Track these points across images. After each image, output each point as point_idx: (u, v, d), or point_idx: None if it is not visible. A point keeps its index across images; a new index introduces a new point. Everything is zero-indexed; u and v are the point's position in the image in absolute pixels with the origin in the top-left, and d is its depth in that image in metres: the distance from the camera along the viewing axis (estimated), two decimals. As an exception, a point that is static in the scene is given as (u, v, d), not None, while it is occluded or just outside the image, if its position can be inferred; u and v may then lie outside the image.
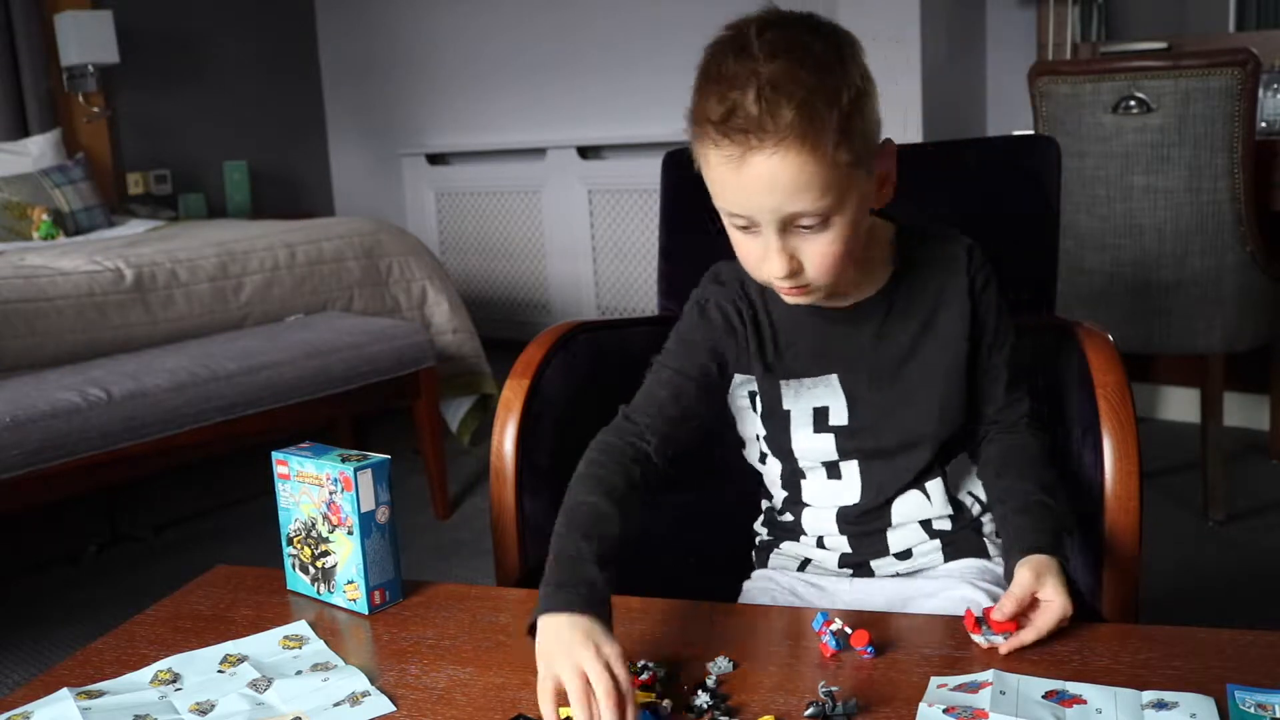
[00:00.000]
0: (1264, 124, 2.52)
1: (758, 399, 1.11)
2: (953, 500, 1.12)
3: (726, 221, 0.98)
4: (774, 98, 0.88)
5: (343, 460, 1.07)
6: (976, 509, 1.13)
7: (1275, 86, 2.57)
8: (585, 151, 4.00)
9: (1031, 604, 0.94)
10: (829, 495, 1.11)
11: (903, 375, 1.07)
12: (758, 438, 1.14)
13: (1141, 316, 2.30)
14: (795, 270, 0.95)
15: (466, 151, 4.40)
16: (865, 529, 1.11)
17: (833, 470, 1.10)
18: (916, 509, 1.10)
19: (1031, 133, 2.34)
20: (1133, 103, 2.17)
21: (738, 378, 1.11)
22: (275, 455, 1.12)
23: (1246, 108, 2.09)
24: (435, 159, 4.47)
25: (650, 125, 3.89)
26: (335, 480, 1.06)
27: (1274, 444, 2.67)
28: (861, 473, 1.09)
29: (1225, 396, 2.36)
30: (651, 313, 1.67)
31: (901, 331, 1.07)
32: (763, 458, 1.15)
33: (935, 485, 1.10)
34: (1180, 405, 3.00)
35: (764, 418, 1.11)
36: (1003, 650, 0.92)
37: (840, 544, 1.12)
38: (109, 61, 3.79)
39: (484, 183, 4.29)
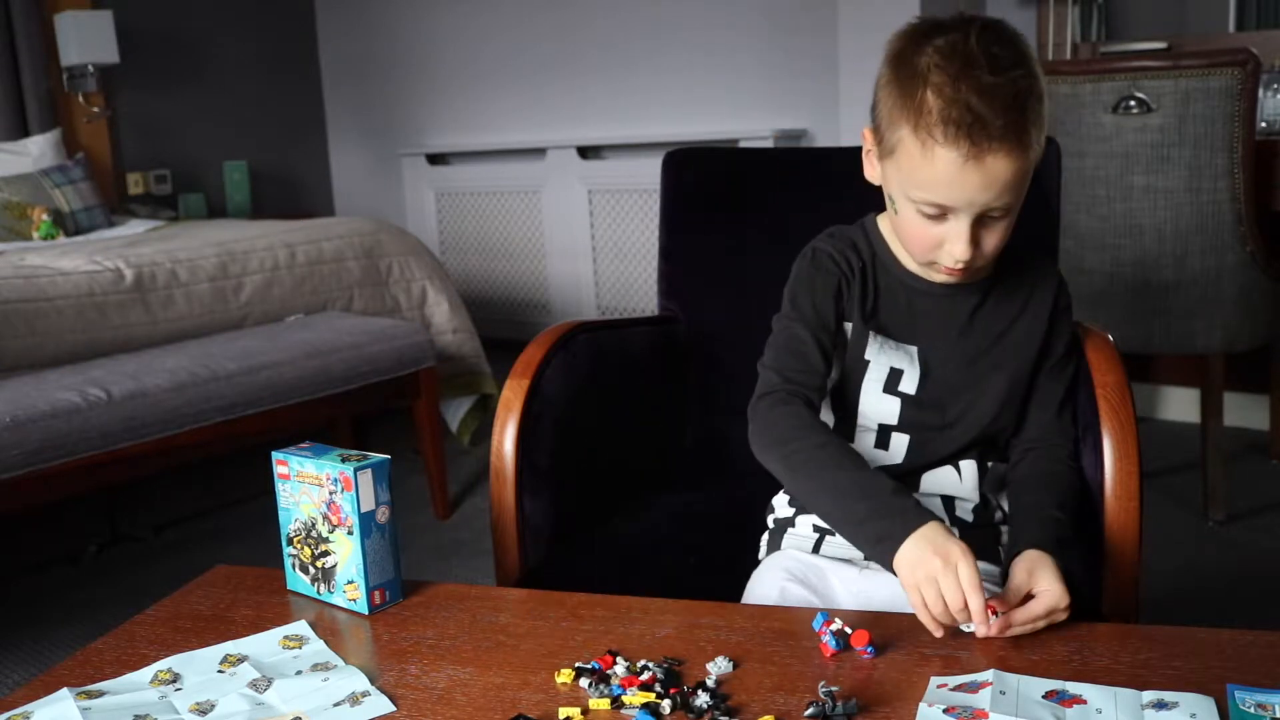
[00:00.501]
0: (1264, 124, 2.52)
1: (843, 347, 1.16)
2: (982, 495, 1.15)
3: (910, 209, 1.05)
4: (1010, 104, 0.98)
5: (343, 460, 1.07)
6: (999, 515, 1.16)
7: (1275, 86, 2.57)
8: (585, 151, 4.00)
9: (1025, 597, 0.96)
10: (870, 460, 1.12)
11: (977, 365, 1.14)
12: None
13: (1141, 316, 2.30)
14: (974, 255, 1.04)
15: (466, 151, 4.40)
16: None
17: (883, 438, 1.14)
18: (946, 483, 1.14)
19: (1031, 133, 2.34)
20: (1133, 103, 2.17)
21: (846, 325, 1.16)
22: (275, 455, 1.12)
23: (1246, 108, 2.09)
24: (435, 159, 4.47)
25: (650, 125, 3.89)
26: (335, 480, 1.06)
27: (1274, 444, 2.67)
28: (909, 446, 1.14)
29: (1225, 396, 2.36)
30: (651, 313, 1.67)
31: (987, 325, 1.14)
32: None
33: (969, 466, 1.14)
34: (1180, 405, 3.00)
35: (843, 364, 1.15)
36: (991, 631, 0.93)
37: None
38: (109, 61, 3.79)
39: (484, 183, 4.29)
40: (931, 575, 0.93)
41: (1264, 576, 2.10)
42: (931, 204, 1.03)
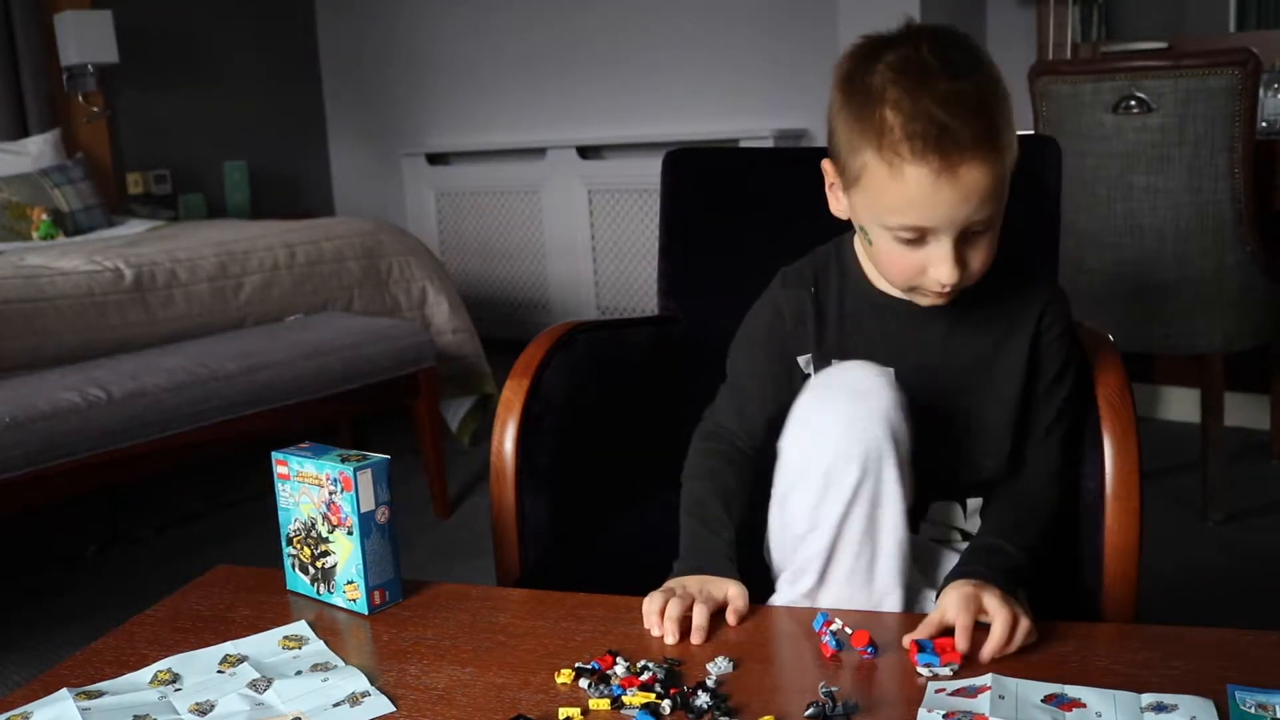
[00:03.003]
0: (1264, 124, 2.52)
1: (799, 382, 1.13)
2: None
3: (885, 237, 1.00)
4: (976, 109, 0.93)
5: (342, 460, 1.07)
6: None
7: (1275, 86, 2.57)
8: (585, 151, 4.00)
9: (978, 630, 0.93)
10: None
11: (960, 387, 1.09)
12: None
13: (1142, 316, 2.30)
14: (961, 276, 0.99)
15: (466, 151, 4.40)
16: None
17: None
18: (951, 514, 1.12)
19: (1032, 133, 2.34)
20: (1133, 103, 2.17)
21: (801, 359, 1.14)
22: (275, 455, 1.12)
23: (1247, 108, 2.09)
24: (435, 159, 4.47)
25: (650, 125, 3.89)
26: (335, 480, 1.06)
27: (1274, 444, 2.67)
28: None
29: (1225, 396, 2.35)
30: (651, 313, 1.67)
31: (968, 345, 1.09)
32: None
33: (974, 502, 1.11)
34: (1180, 405, 3.00)
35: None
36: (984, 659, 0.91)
37: None
38: (109, 61, 3.79)
39: (484, 183, 4.29)
40: (670, 590, 1.01)
41: (1264, 576, 2.10)
42: (908, 227, 0.97)
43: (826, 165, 1.05)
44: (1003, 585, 0.96)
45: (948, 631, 0.93)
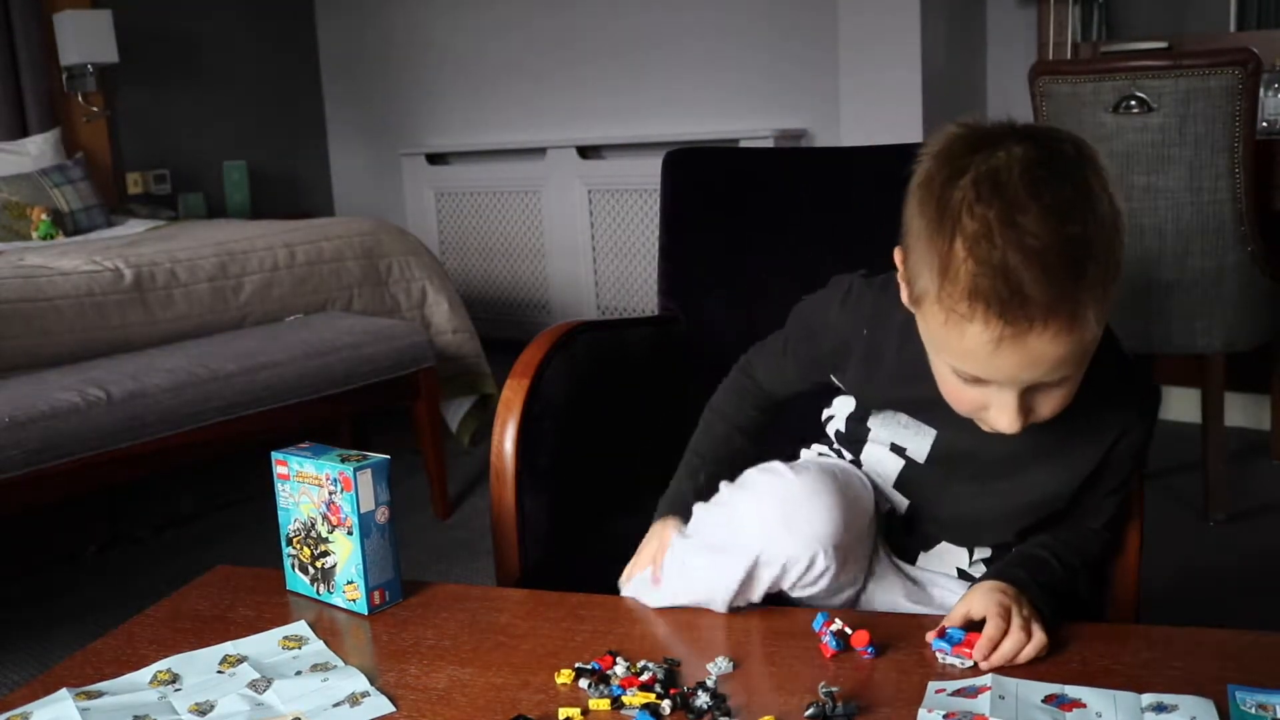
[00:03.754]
0: (1265, 124, 2.52)
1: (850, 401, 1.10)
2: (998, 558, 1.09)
3: (946, 369, 0.88)
4: (1061, 271, 0.78)
5: (342, 460, 1.07)
6: None
7: (1276, 86, 2.57)
8: (585, 151, 3.99)
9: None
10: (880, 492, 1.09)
11: (1003, 475, 1.00)
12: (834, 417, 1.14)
13: (1142, 316, 2.30)
14: (1025, 422, 0.87)
15: (466, 151, 4.40)
16: (900, 540, 1.10)
17: (884, 495, 1.08)
18: (956, 558, 1.10)
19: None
20: (1133, 102, 2.17)
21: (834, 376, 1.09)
22: (275, 455, 1.12)
23: (1247, 107, 2.09)
24: (435, 159, 4.47)
25: (650, 125, 3.89)
26: (335, 480, 1.06)
27: (1275, 444, 2.67)
28: (909, 509, 1.08)
29: (1226, 396, 2.35)
30: (651, 313, 1.67)
31: (1027, 435, 0.91)
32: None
33: (982, 551, 1.09)
34: (1181, 405, 3.00)
35: (847, 419, 1.10)
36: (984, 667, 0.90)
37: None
38: (108, 61, 3.79)
39: (484, 183, 4.29)
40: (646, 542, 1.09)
41: (1264, 577, 2.10)
42: (962, 371, 0.86)
43: (898, 254, 0.90)
44: (1036, 599, 0.94)
45: (974, 628, 0.92)
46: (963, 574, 1.09)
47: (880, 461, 1.07)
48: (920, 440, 1.03)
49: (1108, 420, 0.98)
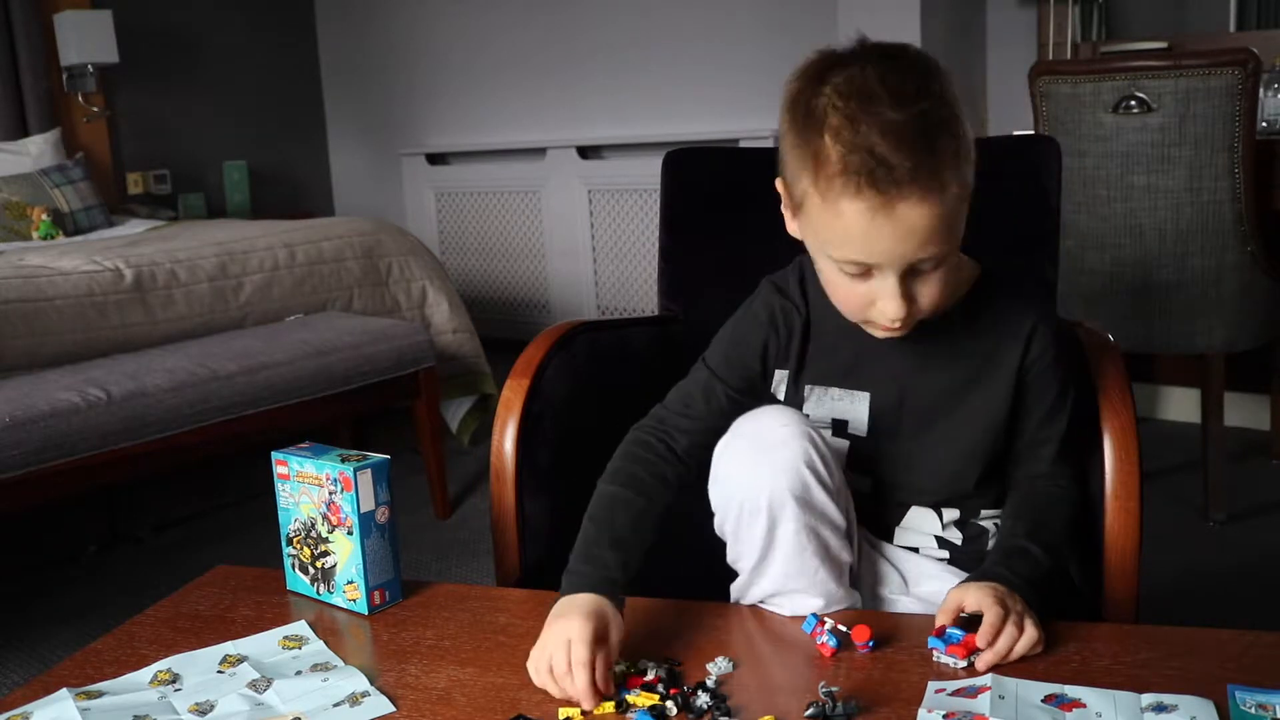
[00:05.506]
0: (1264, 124, 2.52)
1: (783, 392, 1.12)
2: (973, 524, 1.11)
3: (833, 268, 0.96)
4: (917, 142, 0.88)
5: (342, 460, 1.07)
6: (992, 543, 1.12)
7: (1276, 86, 2.57)
8: (585, 151, 4.00)
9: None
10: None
11: (935, 414, 1.06)
12: None
13: (1142, 316, 2.30)
14: (910, 312, 0.95)
15: (466, 151, 4.40)
16: (872, 516, 1.11)
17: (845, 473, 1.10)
18: (927, 523, 1.11)
19: (1032, 132, 2.34)
20: (1133, 102, 2.17)
21: (778, 373, 1.12)
22: (275, 455, 1.12)
23: (1247, 107, 2.09)
24: (435, 159, 4.47)
25: (650, 125, 3.89)
26: (335, 480, 1.06)
27: (1274, 444, 2.67)
28: (873, 485, 1.09)
29: (1226, 396, 2.35)
30: (651, 313, 1.67)
31: (945, 368, 1.05)
32: None
33: (951, 512, 1.10)
34: (1181, 405, 3.00)
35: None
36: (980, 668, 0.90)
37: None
38: (108, 61, 3.79)
39: (484, 183, 4.29)
40: (547, 651, 0.91)
41: (1264, 577, 2.10)
42: (847, 260, 0.94)
43: (779, 185, 1.00)
44: (1025, 594, 0.95)
45: (971, 626, 0.92)
46: (941, 542, 1.10)
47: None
48: (857, 405, 1.08)
49: (1010, 335, 1.05)
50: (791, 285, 1.11)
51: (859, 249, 0.92)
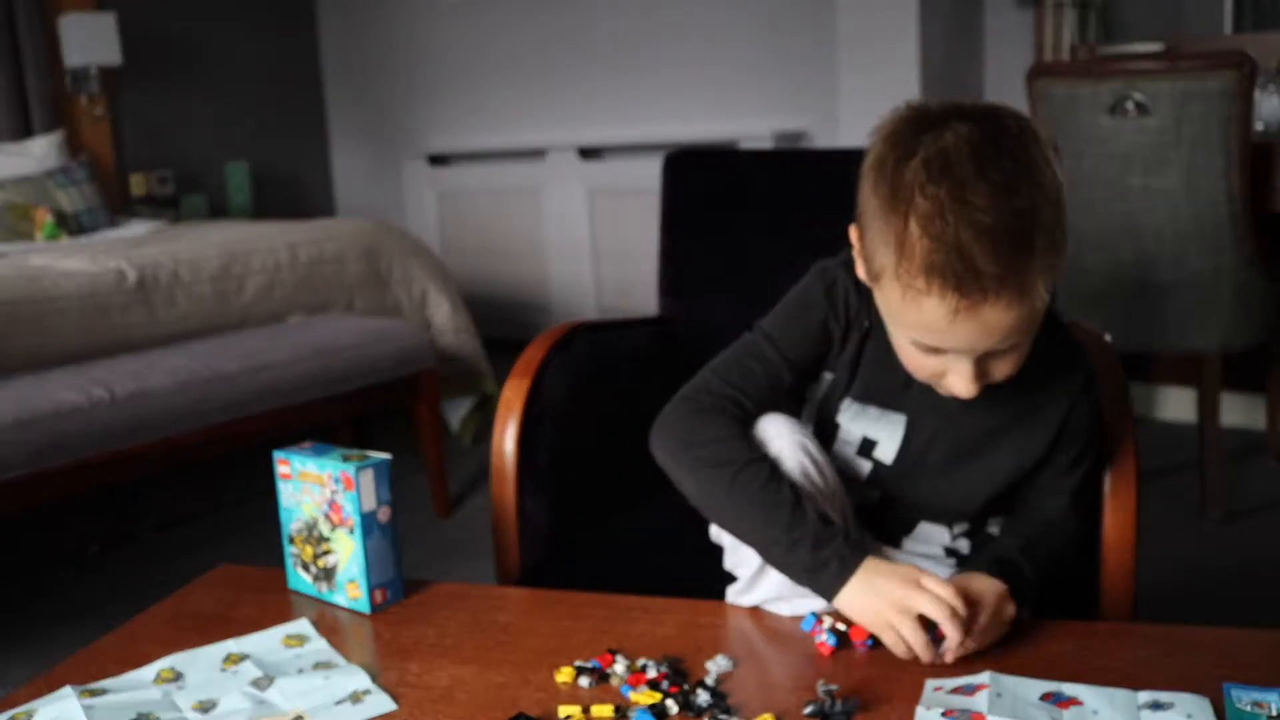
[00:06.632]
0: (1260, 126, 2.52)
1: (819, 395, 1.09)
2: (982, 534, 1.11)
3: (904, 338, 0.93)
4: (1010, 245, 0.82)
5: (344, 460, 1.07)
6: None
7: (1271, 88, 2.57)
8: (586, 152, 4.00)
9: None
10: (852, 488, 1.10)
11: (967, 452, 1.04)
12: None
13: (1139, 317, 2.31)
14: (981, 387, 0.92)
15: (467, 153, 4.40)
16: (880, 526, 1.12)
17: (856, 488, 1.09)
18: (937, 535, 1.11)
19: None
20: (1130, 104, 2.18)
21: (826, 376, 1.08)
22: (277, 455, 1.12)
23: (1243, 110, 2.10)
24: (436, 160, 4.47)
25: (650, 125, 3.90)
26: (337, 480, 1.07)
27: (1271, 443, 2.68)
28: (884, 499, 1.09)
29: (1223, 396, 2.36)
30: (651, 313, 1.67)
31: (988, 413, 1.01)
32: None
33: (961, 525, 1.10)
34: (1178, 405, 3.00)
35: (817, 415, 1.09)
36: (949, 658, 0.91)
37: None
38: (112, 63, 3.79)
39: (485, 184, 4.30)
40: (888, 622, 0.90)
41: (1262, 576, 2.11)
42: (918, 342, 0.91)
43: (853, 233, 0.95)
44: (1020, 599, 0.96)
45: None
46: (949, 551, 1.11)
47: (847, 462, 1.07)
48: (891, 429, 1.04)
49: (1059, 389, 1.02)
50: (846, 294, 1.03)
51: (936, 339, 0.89)
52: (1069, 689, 0.86)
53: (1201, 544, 2.25)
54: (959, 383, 0.91)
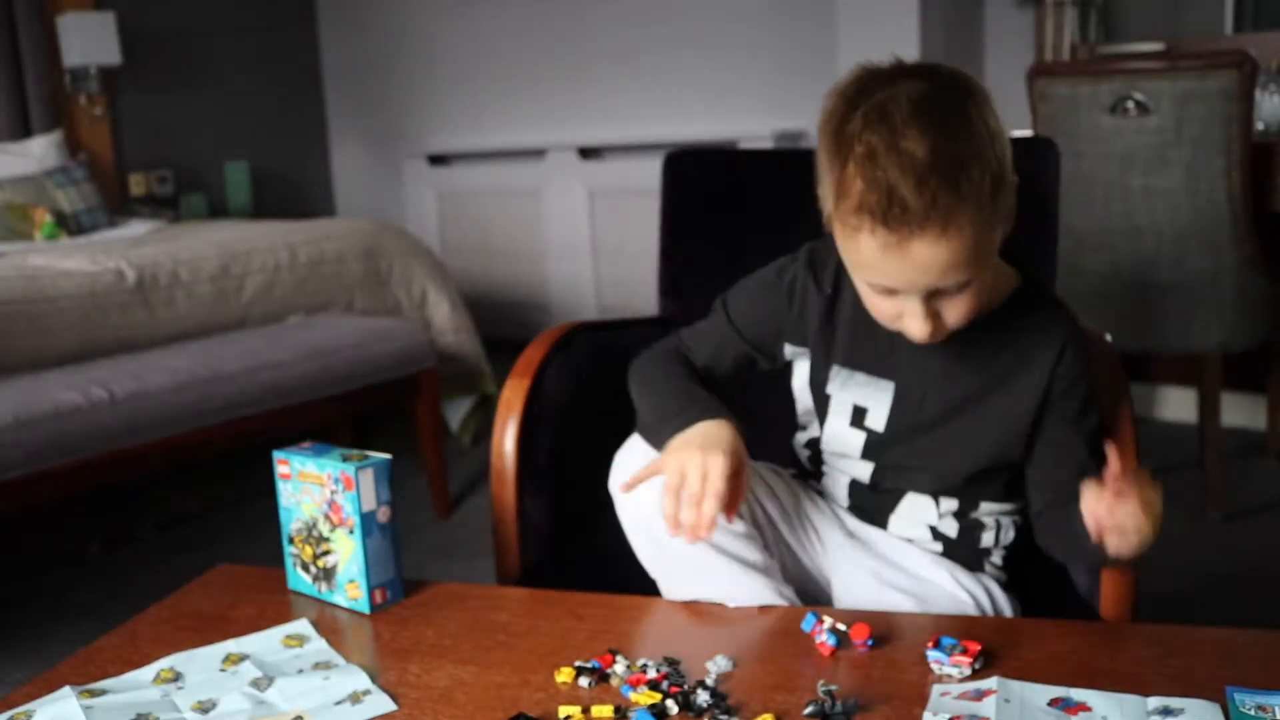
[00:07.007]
0: (1260, 125, 2.52)
1: (808, 372, 1.13)
2: (971, 517, 1.11)
3: (864, 284, 0.98)
4: (935, 183, 0.87)
5: (344, 460, 1.07)
6: (989, 538, 1.12)
7: (1272, 88, 2.57)
8: (586, 152, 4.00)
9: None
10: (844, 466, 1.13)
11: (957, 412, 1.06)
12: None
13: (1139, 317, 2.31)
14: (937, 328, 0.96)
15: (467, 153, 4.40)
16: (869, 505, 1.12)
17: (848, 464, 1.12)
18: (923, 511, 1.11)
19: (1030, 134, 2.35)
20: (1131, 104, 2.18)
21: (790, 349, 1.13)
22: (277, 455, 1.12)
23: (1243, 109, 2.10)
24: (436, 160, 4.47)
25: (650, 125, 3.89)
26: (337, 480, 1.07)
27: (1271, 443, 2.68)
28: (874, 472, 1.10)
29: (1223, 396, 2.36)
30: (651, 313, 1.67)
31: (973, 372, 1.05)
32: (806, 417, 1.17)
33: (949, 502, 1.10)
34: (1178, 405, 3.00)
35: (811, 392, 1.12)
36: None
37: (845, 497, 1.14)
38: (111, 63, 3.79)
39: (485, 184, 4.30)
40: (682, 462, 0.96)
41: (1262, 576, 2.11)
42: (871, 283, 0.96)
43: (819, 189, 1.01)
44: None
45: (974, 637, 0.93)
46: (936, 533, 1.11)
47: (840, 437, 1.11)
48: (880, 395, 1.07)
49: (1044, 345, 1.04)
50: (827, 265, 1.09)
51: (877, 276, 0.94)
52: (1077, 694, 0.85)
53: (1202, 544, 2.25)
54: (913, 323, 0.95)
